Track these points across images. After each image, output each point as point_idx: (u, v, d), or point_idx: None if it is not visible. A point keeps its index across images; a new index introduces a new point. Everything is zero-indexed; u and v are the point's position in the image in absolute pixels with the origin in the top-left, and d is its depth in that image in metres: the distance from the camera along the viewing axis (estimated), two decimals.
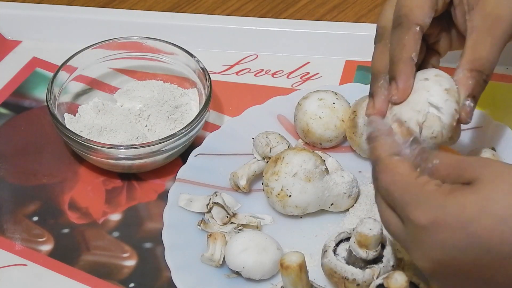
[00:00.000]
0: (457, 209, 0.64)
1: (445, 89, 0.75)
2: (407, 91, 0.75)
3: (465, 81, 0.76)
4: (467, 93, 0.76)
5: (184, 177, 0.89)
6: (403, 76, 0.75)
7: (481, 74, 0.76)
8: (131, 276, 0.84)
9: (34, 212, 0.90)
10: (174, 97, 0.97)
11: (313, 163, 0.84)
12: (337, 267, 0.78)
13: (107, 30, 1.03)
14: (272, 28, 1.05)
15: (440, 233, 0.64)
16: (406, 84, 0.75)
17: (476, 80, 0.76)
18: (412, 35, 0.76)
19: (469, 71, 0.76)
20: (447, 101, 0.74)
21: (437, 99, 0.74)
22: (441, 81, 0.76)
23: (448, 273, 0.65)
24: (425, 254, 0.65)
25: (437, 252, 0.65)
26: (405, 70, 0.76)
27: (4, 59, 1.05)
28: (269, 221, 0.87)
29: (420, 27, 0.77)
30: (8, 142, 0.96)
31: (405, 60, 0.76)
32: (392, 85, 0.76)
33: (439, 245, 0.64)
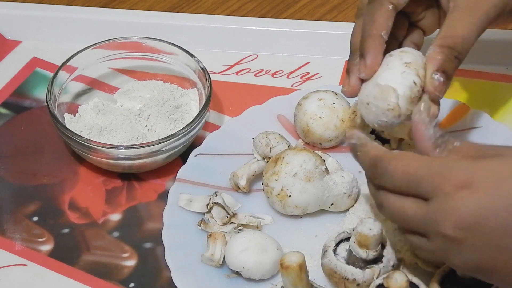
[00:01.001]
0: (487, 171, 0.63)
1: (404, 63, 0.75)
2: (374, 68, 0.76)
3: (433, 56, 0.76)
4: (435, 67, 0.75)
5: (184, 177, 0.89)
6: (371, 52, 0.76)
7: (451, 50, 0.76)
8: (131, 276, 0.84)
9: (34, 212, 0.90)
10: (174, 97, 0.97)
11: (313, 163, 0.84)
12: (337, 267, 0.78)
13: (107, 30, 1.03)
14: (272, 28, 1.05)
15: (471, 194, 0.63)
16: (373, 60, 0.76)
17: (446, 55, 0.76)
18: (384, 12, 0.77)
19: (439, 47, 0.76)
20: (404, 73, 0.75)
21: (394, 71, 0.75)
22: (403, 56, 0.76)
23: (478, 240, 0.64)
24: (456, 218, 0.64)
25: (468, 214, 0.63)
26: (373, 47, 0.76)
27: (4, 59, 1.05)
28: (269, 221, 0.87)
29: (394, 6, 0.77)
30: (8, 142, 0.96)
31: (374, 36, 0.76)
32: (360, 62, 0.77)
33: (470, 207, 0.63)
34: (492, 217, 0.63)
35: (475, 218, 0.64)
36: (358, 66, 0.77)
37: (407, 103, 0.75)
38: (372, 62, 0.76)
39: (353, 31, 0.81)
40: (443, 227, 0.65)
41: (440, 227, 0.65)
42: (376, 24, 0.76)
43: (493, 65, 1.00)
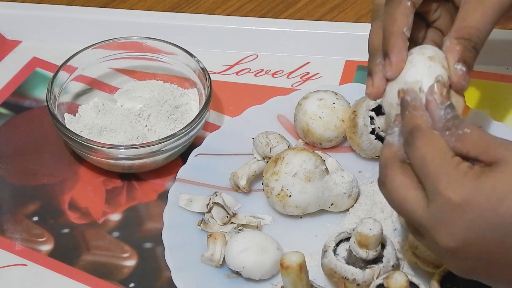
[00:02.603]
0: (489, 189, 0.64)
1: (428, 57, 0.75)
2: (400, 65, 0.75)
3: (452, 48, 0.76)
4: (456, 58, 0.75)
5: (184, 177, 0.89)
6: (395, 50, 0.75)
7: (468, 41, 0.76)
8: (131, 276, 0.84)
9: (34, 212, 0.90)
10: (174, 97, 0.97)
11: (313, 163, 0.84)
12: (337, 267, 0.78)
13: (107, 30, 1.03)
14: (272, 28, 1.05)
15: (470, 212, 0.64)
16: (398, 58, 0.75)
17: (464, 46, 0.75)
18: (403, 9, 0.76)
19: (455, 38, 0.76)
20: (430, 67, 0.74)
21: (420, 67, 0.74)
22: (425, 51, 0.76)
23: (471, 253, 0.65)
24: (451, 232, 0.65)
25: (464, 230, 0.64)
26: (397, 44, 0.75)
27: (4, 59, 1.05)
28: (269, 221, 0.87)
29: (412, 2, 0.77)
30: (8, 142, 0.96)
31: (397, 34, 0.76)
32: (385, 61, 0.76)
33: (468, 224, 0.64)
34: (487, 235, 0.64)
35: (470, 234, 0.64)
36: (381, 67, 0.77)
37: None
38: (398, 59, 0.75)
39: (370, 33, 0.80)
40: (438, 236, 0.66)
41: (435, 233, 0.66)
42: (397, 22, 0.76)
43: (493, 65, 1.00)
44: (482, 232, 0.64)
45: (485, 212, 0.64)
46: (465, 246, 0.65)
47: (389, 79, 0.76)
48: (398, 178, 0.68)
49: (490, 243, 0.64)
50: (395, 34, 0.76)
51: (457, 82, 0.75)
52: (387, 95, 0.76)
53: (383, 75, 0.77)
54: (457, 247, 0.65)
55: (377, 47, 0.79)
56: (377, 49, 0.78)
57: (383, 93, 0.77)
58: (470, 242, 0.64)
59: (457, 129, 0.68)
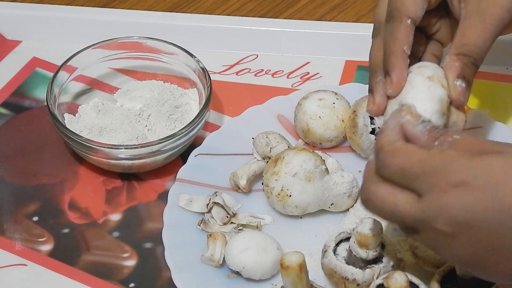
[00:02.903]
0: (484, 169, 0.63)
1: (427, 77, 0.75)
2: (400, 84, 0.76)
3: (451, 64, 0.76)
4: (455, 74, 0.75)
5: (184, 177, 0.89)
6: (396, 69, 0.76)
7: (468, 58, 0.76)
8: (131, 276, 0.84)
9: (34, 212, 0.90)
10: (174, 97, 0.97)
11: (313, 163, 0.84)
12: (337, 267, 0.78)
13: (107, 30, 1.03)
14: (272, 28, 1.05)
15: (467, 194, 0.63)
16: (399, 77, 0.76)
17: (463, 63, 0.76)
18: (404, 28, 0.77)
19: (455, 55, 0.76)
20: (430, 87, 0.74)
21: (419, 89, 0.74)
22: (423, 71, 0.76)
23: (471, 237, 0.64)
24: (450, 216, 0.63)
25: (462, 212, 0.63)
26: (398, 63, 0.76)
27: (4, 59, 1.05)
28: (269, 221, 0.87)
29: (412, 20, 0.77)
30: (8, 142, 0.96)
31: (397, 53, 0.76)
32: (386, 79, 0.76)
33: (465, 206, 0.63)
34: (486, 218, 0.63)
35: (469, 216, 0.63)
36: (381, 84, 0.77)
37: (438, 116, 0.74)
38: (398, 78, 0.76)
39: (371, 50, 0.81)
40: (436, 223, 0.64)
41: (433, 222, 0.65)
42: (398, 41, 0.76)
43: (493, 65, 1.00)
44: (482, 215, 0.63)
45: (483, 195, 0.63)
46: (464, 230, 0.63)
47: (390, 97, 0.76)
48: (382, 188, 0.68)
49: (490, 226, 0.63)
50: (395, 53, 0.76)
51: (456, 98, 0.76)
52: (388, 114, 0.76)
53: (384, 93, 0.77)
54: (457, 231, 0.64)
55: (378, 64, 0.79)
56: (378, 66, 0.79)
57: (383, 110, 0.77)
58: (470, 225, 0.63)
59: (445, 137, 0.67)
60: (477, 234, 0.64)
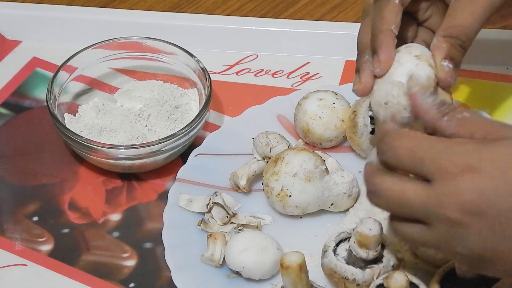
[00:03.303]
0: (492, 154, 0.62)
1: (415, 56, 0.75)
2: (388, 62, 0.75)
3: (439, 45, 0.76)
4: (442, 55, 0.75)
5: (184, 177, 0.89)
6: (383, 47, 0.76)
7: (455, 39, 0.76)
8: (131, 276, 0.84)
9: (34, 212, 0.90)
10: (174, 97, 0.97)
11: (313, 163, 0.84)
12: (337, 267, 0.78)
13: (107, 30, 1.03)
14: (272, 28, 1.05)
15: (477, 178, 0.62)
16: (386, 55, 0.75)
17: (451, 44, 0.76)
18: (392, 7, 0.77)
19: (443, 37, 0.76)
20: (418, 65, 0.74)
21: (407, 66, 0.74)
22: (411, 50, 0.76)
23: (484, 224, 0.63)
24: (462, 203, 0.63)
25: (474, 196, 0.62)
26: (385, 41, 0.76)
27: (4, 59, 1.05)
28: (269, 221, 0.87)
29: (400, 0, 0.77)
30: (8, 142, 0.96)
31: (385, 31, 0.76)
32: (374, 58, 0.76)
33: (477, 191, 0.62)
34: (498, 202, 0.62)
35: (481, 202, 0.62)
36: (369, 64, 0.77)
37: None
38: (386, 56, 0.75)
39: (360, 31, 0.81)
40: (448, 210, 0.63)
41: (445, 209, 0.63)
42: (386, 20, 0.76)
43: (493, 65, 1.00)
44: (494, 199, 0.62)
45: (492, 179, 0.62)
46: (477, 216, 0.62)
47: (377, 76, 0.76)
48: (387, 178, 0.67)
49: (502, 210, 0.62)
50: (383, 31, 0.76)
51: (443, 78, 0.75)
52: (375, 94, 0.76)
53: (371, 72, 0.77)
54: (470, 219, 0.63)
55: (365, 45, 0.79)
56: (365, 46, 0.79)
57: (370, 90, 0.77)
58: (482, 210, 0.62)
59: (455, 113, 0.66)
60: (489, 220, 0.63)
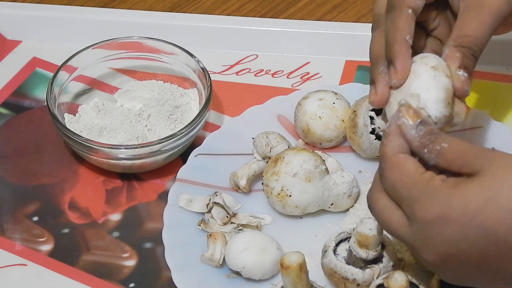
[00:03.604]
0: (462, 202, 0.64)
1: (431, 67, 0.75)
2: (405, 73, 0.75)
3: (452, 55, 0.76)
4: (457, 64, 0.76)
5: (184, 177, 0.89)
6: (400, 58, 0.76)
7: (467, 49, 0.76)
8: (131, 276, 0.84)
9: (34, 212, 0.90)
10: (174, 97, 0.97)
11: (313, 163, 0.84)
12: (337, 267, 0.78)
13: (107, 30, 1.03)
14: (272, 28, 1.05)
15: (447, 227, 0.64)
16: (403, 66, 0.75)
17: (463, 53, 0.76)
18: (405, 18, 0.77)
19: (454, 46, 0.76)
20: (435, 77, 0.75)
21: (425, 77, 0.75)
22: (427, 61, 0.76)
23: (456, 266, 0.66)
24: (433, 249, 0.66)
25: (444, 246, 0.65)
26: (401, 52, 0.76)
27: (4, 59, 1.05)
28: (269, 221, 0.87)
29: (413, 10, 0.77)
30: (8, 142, 0.96)
31: (400, 42, 0.76)
32: (390, 69, 0.76)
33: (446, 239, 0.65)
34: (468, 247, 0.65)
35: (452, 249, 0.65)
36: (383, 74, 0.77)
37: (444, 105, 0.75)
38: (403, 67, 0.75)
39: (372, 42, 0.81)
40: (422, 253, 0.67)
41: (419, 252, 0.67)
42: (400, 30, 0.76)
43: (493, 65, 1.00)
44: (463, 246, 0.65)
45: (461, 226, 0.64)
46: (449, 260, 0.66)
47: (394, 87, 0.76)
48: (381, 199, 0.69)
49: (472, 255, 0.65)
50: (398, 42, 0.76)
51: (460, 87, 0.76)
52: (391, 106, 0.76)
53: (386, 83, 0.77)
54: (443, 261, 0.66)
55: (379, 55, 0.79)
56: (379, 57, 0.79)
57: (386, 101, 0.77)
58: (453, 256, 0.65)
59: (434, 145, 0.68)
60: (463, 261, 0.65)
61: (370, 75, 0.79)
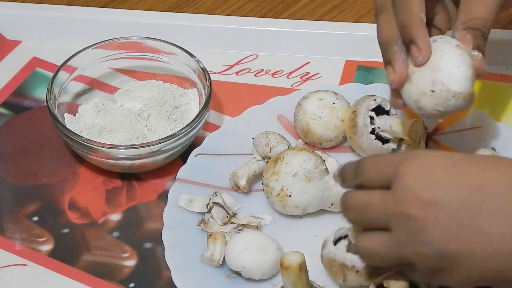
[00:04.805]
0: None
1: (455, 45, 0.76)
2: (429, 49, 0.76)
3: (464, 37, 0.78)
4: (471, 46, 0.77)
5: (184, 177, 0.89)
6: (421, 36, 0.76)
7: (477, 31, 0.78)
8: (131, 276, 0.84)
9: (34, 212, 0.90)
10: (174, 97, 0.97)
11: (313, 163, 0.84)
12: (336, 255, 0.77)
13: (107, 30, 1.03)
14: (272, 28, 1.05)
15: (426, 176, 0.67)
16: (425, 43, 0.76)
17: (474, 35, 0.77)
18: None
19: (464, 29, 0.78)
20: (462, 55, 0.76)
21: (452, 55, 0.76)
22: (449, 40, 0.77)
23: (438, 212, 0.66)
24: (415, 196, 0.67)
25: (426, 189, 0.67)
26: (421, 31, 0.77)
27: (4, 59, 1.05)
28: (269, 221, 0.87)
29: None
30: (8, 142, 0.96)
31: (417, 21, 0.77)
32: (412, 48, 0.77)
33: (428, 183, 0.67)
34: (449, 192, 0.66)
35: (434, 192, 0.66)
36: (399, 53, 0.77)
37: (471, 83, 0.77)
38: (425, 43, 0.76)
39: (380, 27, 0.81)
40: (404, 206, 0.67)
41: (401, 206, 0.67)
42: (414, 10, 0.77)
43: (493, 65, 1.00)
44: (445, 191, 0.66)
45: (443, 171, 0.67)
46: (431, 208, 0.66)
47: (419, 65, 0.77)
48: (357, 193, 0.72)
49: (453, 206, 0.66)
50: (415, 21, 0.77)
51: (479, 66, 0.77)
52: (416, 84, 0.77)
53: (403, 61, 0.77)
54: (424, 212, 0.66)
55: (390, 37, 0.79)
56: (391, 39, 0.79)
57: (405, 79, 0.77)
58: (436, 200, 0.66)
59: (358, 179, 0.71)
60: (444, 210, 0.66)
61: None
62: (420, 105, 0.77)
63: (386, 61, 0.79)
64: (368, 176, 0.70)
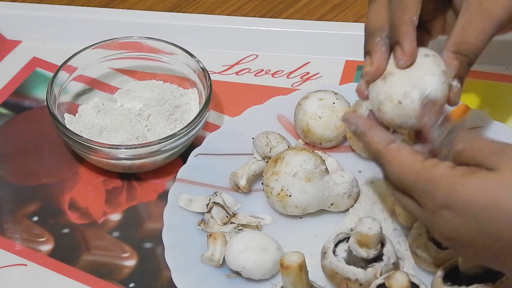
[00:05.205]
0: (466, 196, 0.65)
1: (442, 71, 0.75)
2: (413, 54, 0.74)
3: (451, 62, 0.76)
4: (454, 73, 0.76)
5: (184, 177, 0.89)
6: (408, 38, 0.74)
7: (465, 57, 0.76)
8: (131, 276, 0.84)
9: (34, 212, 0.90)
10: (174, 97, 0.97)
11: (313, 163, 0.84)
12: (338, 268, 0.77)
13: (107, 30, 1.03)
14: (272, 28, 1.05)
15: (452, 218, 0.66)
16: (411, 47, 0.74)
17: (461, 62, 0.76)
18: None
19: (453, 53, 0.76)
20: (443, 83, 0.75)
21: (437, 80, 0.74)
22: (439, 62, 0.75)
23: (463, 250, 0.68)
24: (440, 233, 0.68)
25: (449, 232, 0.67)
26: (409, 32, 0.75)
27: (4, 59, 1.05)
28: (269, 221, 0.87)
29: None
30: (8, 142, 0.96)
31: (408, 22, 0.75)
32: (396, 49, 0.75)
33: (451, 227, 0.66)
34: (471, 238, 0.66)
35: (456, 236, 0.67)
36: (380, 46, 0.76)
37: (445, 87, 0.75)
38: (410, 48, 0.74)
39: (369, 14, 0.78)
40: (434, 234, 0.70)
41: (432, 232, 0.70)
42: (408, 10, 0.75)
43: (493, 65, 1.00)
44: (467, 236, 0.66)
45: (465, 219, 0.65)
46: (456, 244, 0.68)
47: (400, 67, 0.75)
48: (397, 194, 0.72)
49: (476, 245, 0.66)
50: (406, 22, 0.75)
51: (452, 99, 0.76)
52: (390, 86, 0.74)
53: (383, 54, 0.75)
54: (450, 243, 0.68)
55: (377, 28, 0.77)
56: (377, 29, 0.77)
57: (382, 73, 0.75)
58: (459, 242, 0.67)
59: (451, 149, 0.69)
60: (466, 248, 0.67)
61: (365, 46, 0.77)
62: (381, 108, 0.75)
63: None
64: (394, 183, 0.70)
